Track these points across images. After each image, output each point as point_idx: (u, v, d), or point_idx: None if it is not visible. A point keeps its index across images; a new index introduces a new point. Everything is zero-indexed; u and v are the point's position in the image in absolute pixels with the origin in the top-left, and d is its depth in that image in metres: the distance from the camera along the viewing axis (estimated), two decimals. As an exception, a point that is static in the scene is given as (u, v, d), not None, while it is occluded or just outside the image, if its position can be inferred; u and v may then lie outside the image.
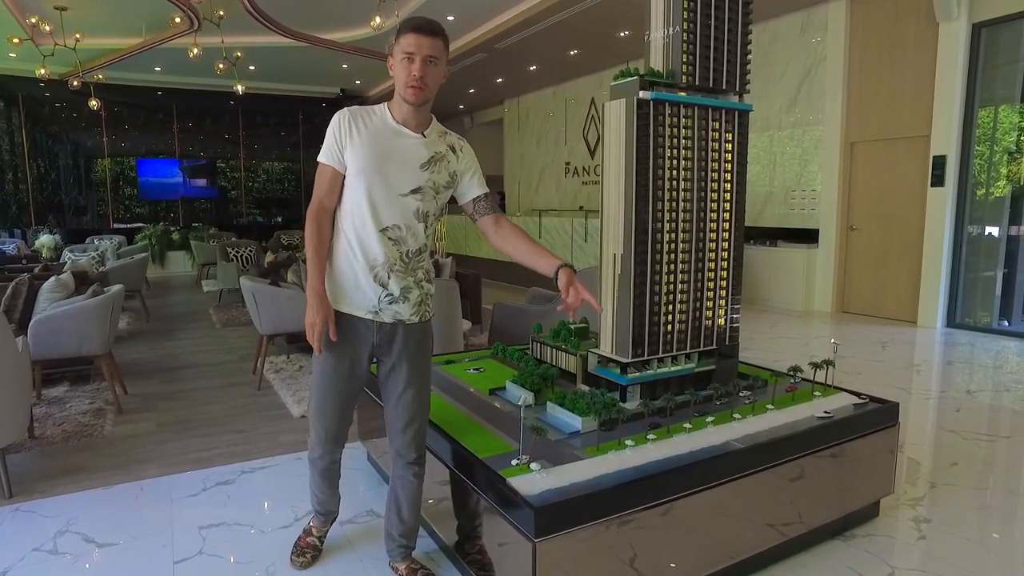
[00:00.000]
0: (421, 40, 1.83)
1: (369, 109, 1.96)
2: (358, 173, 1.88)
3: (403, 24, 1.88)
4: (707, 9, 2.43)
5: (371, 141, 1.90)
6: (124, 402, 4.11)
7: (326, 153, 1.92)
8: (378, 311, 1.94)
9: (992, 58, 6.21)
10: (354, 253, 1.91)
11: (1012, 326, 6.49)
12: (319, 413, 2.05)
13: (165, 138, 13.60)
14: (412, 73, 1.83)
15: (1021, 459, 3.23)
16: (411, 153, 1.92)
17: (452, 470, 2.09)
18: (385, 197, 1.89)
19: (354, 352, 1.97)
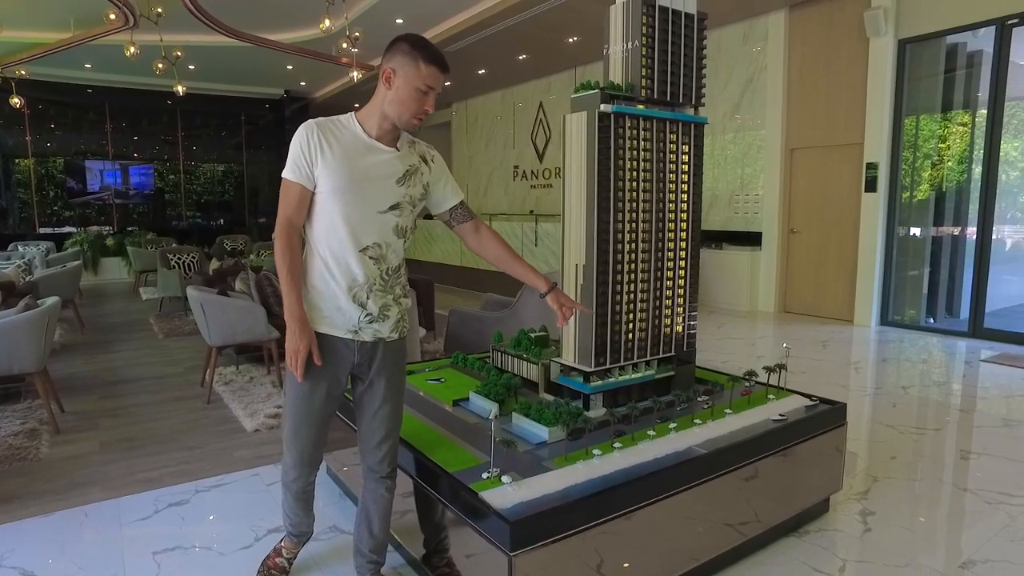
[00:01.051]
0: (440, 77, 1.80)
1: (336, 121, 1.86)
2: (332, 192, 1.79)
3: (423, 51, 1.78)
4: (664, 25, 2.49)
5: (345, 157, 1.80)
6: (61, 421, 3.90)
7: (293, 170, 1.80)
8: (358, 330, 1.89)
9: (915, 71, 6.60)
10: (331, 274, 1.84)
11: (936, 323, 6.90)
12: (295, 436, 1.96)
13: (97, 138, 12.96)
14: (425, 108, 1.81)
15: (949, 450, 3.44)
16: (387, 169, 1.86)
17: (421, 484, 2.07)
18: (363, 216, 1.82)
19: (333, 374, 1.91)
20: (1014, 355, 5.46)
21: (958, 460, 3.29)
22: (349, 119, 1.88)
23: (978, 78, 6.58)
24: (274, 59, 10.41)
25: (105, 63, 10.87)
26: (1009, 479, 3.02)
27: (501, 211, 11.86)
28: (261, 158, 14.89)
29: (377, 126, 1.85)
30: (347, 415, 2.48)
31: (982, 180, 6.16)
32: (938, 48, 6.57)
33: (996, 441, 3.53)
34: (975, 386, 4.71)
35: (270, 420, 3.82)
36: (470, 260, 9.92)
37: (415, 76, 1.77)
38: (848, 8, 6.76)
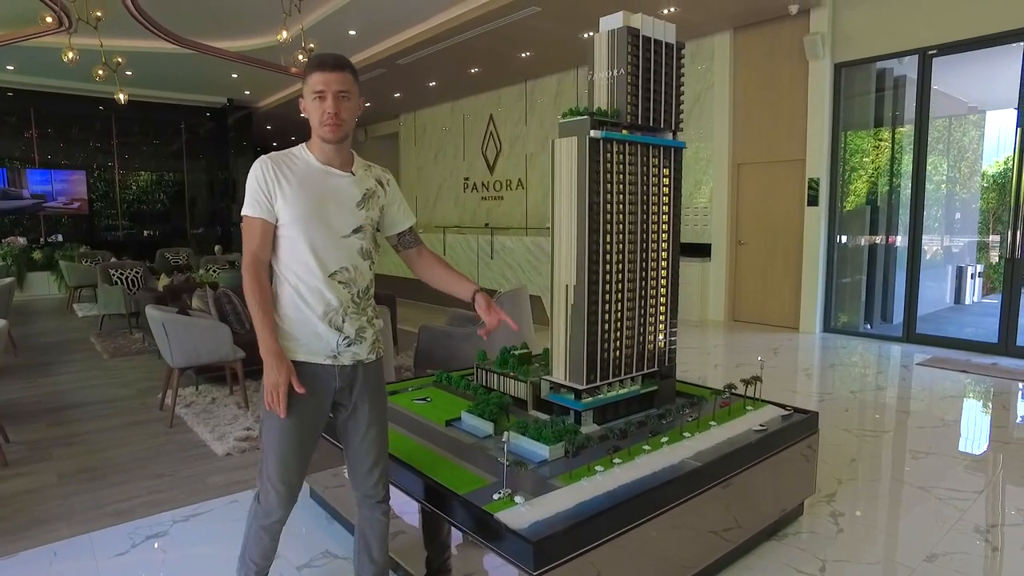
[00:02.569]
0: (328, 76, 1.80)
1: (288, 154, 1.89)
2: (295, 222, 1.81)
3: (308, 63, 1.86)
4: (647, 54, 2.60)
5: (302, 187, 1.83)
6: (7, 452, 3.67)
7: (253, 206, 1.81)
8: (337, 355, 1.88)
9: (849, 90, 7.05)
10: (304, 301, 1.85)
11: (874, 328, 7.35)
12: (282, 471, 1.87)
13: (19, 145, 12.20)
14: (326, 110, 1.80)
15: (903, 451, 3.69)
16: (345, 193, 1.89)
17: (430, 507, 2.08)
18: (328, 241, 1.85)
19: (318, 401, 1.89)
20: (944, 358, 5.88)
21: (910, 460, 3.52)
22: (300, 150, 1.91)
23: (904, 99, 7.10)
24: (218, 67, 10.12)
25: (30, 65, 10.29)
26: (955, 475, 3.27)
27: (453, 223, 11.86)
28: (201, 168, 14.40)
29: (320, 150, 1.89)
30: (331, 435, 2.45)
31: (912, 193, 6.62)
32: (869, 72, 7.05)
33: (939, 440, 3.80)
34: (915, 389, 5.04)
35: (241, 443, 3.72)
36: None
37: (307, 87, 1.84)
38: (788, 32, 7.15)
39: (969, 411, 4.56)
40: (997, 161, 9.74)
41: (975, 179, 9.55)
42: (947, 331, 7.07)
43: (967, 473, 3.32)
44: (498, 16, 7.10)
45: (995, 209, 9.68)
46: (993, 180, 9.57)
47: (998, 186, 9.54)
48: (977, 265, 9.25)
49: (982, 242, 9.59)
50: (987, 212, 9.63)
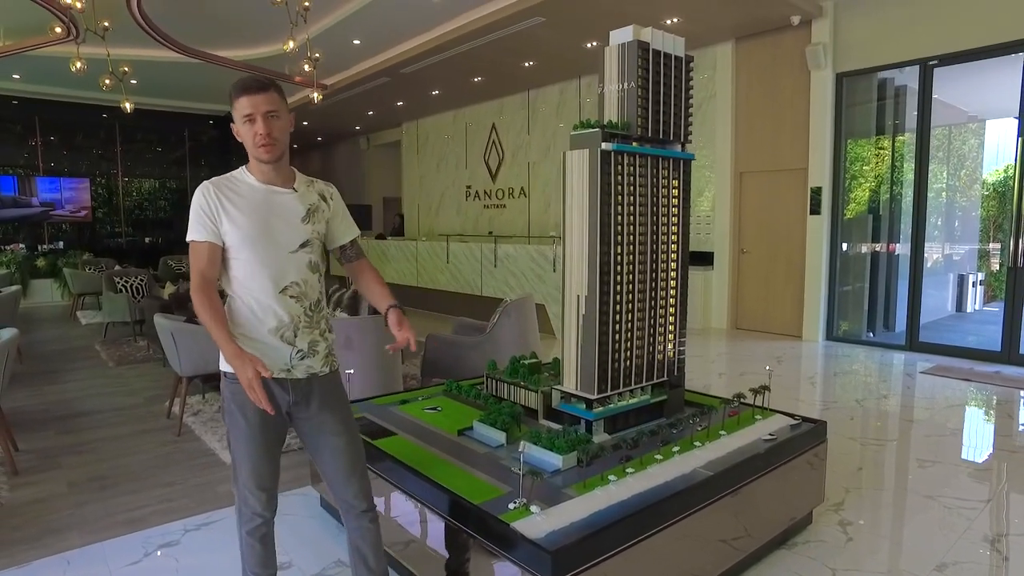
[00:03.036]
0: (255, 98, 1.84)
1: (229, 178, 1.92)
2: (243, 242, 1.86)
3: (234, 88, 1.88)
4: (657, 67, 2.64)
5: (247, 207, 1.88)
6: (17, 461, 3.67)
7: (199, 230, 1.85)
8: (291, 368, 1.92)
9: (851, 98, 7.10)
10: (257, 318, 1.89)
11: (876, 337, 7.37)
12: (254, 476, 1.91)
13: (23, 152, 12.24)
14: (257, 132, 1.85)
15: (909, 460, 3.71)
16: (290, 209, 1.93)
17: (447, 517, 2.09)
18: (277, 258, 1.89)
19: (277, 411, 1.91)
20: (947, 366, 5.90)
21: (916, 469, 3.54)
22: (241, 172, 1.95)
23: (905, 108, 7.16)
24: (222, 75, 10.14)
25: (35, 73, 10.35)
26: (961, 484, 3.29)
27: (455, 231, 11.89)
28: (203, 175, 14.40)
29: (259, 171, 1.93)
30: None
31: (913, 202, 6.66)
32: (871, 81, 7.10)
33: (945, 449, 3.82)
34: (919, 397, 5.06)
35: (249, 452, 3.72)
36: (427, 280, 9.91)
37: (236, 111, 1.87)
38: (790, 42, 7.21)
39: (974, 420, 4.57)
40: (997, 170, 9.79)
41: (975, 187, 9.60)
42: (949, 339, 7.09)
43: (973, 482, 3.34)
44: (502, 26, 7.15)
45: (996, 217, 9.73)
46: (993, 188, 9.62)
47: (998, 194, 9.59)
48: (978, 273, 9.28)
49: (983, 250, 9.63)
50: (988, 220, 9.68)
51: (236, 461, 1.93)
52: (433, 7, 7.15)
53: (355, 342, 3.50)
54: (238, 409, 1.88)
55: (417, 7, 7.16)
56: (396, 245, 10.87)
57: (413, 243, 10.44)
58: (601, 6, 6.45)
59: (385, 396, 3.27)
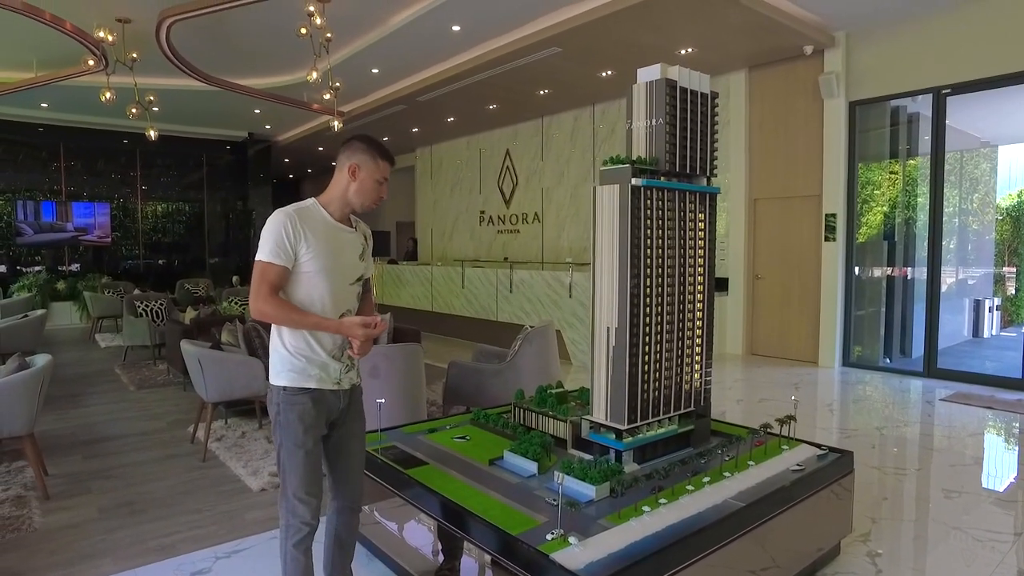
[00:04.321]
0: (390, 169, 2.18)
1: (305, 208, 2.10)
2: (319, 271, 2.06)
3: (378, 149, 2.13)
4: (684, 104, 2.71)
5: (325, 241, 2.08)
6: (49, 485, 3.73)
7: (277, 253, 2.01)
8: (340, 381, 2.15)
9: (863, 124, 7.17)
10: (317, 339, 2.09)
11: (893, 363, 7.35)
12: (305, 484, 2.06)
13: (46, 178, 12.49)
14: (382, 196, 2.17)
15: (934, 490, 3.69)
16: (353, 247, 2.19)
17: (484, 548, 2.12)
18: (340, 289, 2.13)
19: (327, 421, 2.15)
20: (967, 394, 5.87)
21: (943, 499, 3.52)
22: (314, 205, 2.13)
23: (917, 134, 7.22)
24: (241, 103, 10.39)
25: (62, 102, 10.62)
26: (991, 516, 3.27)
27: (468, 256, 11.98)
28: (219, 199, 14.66)
29: (339, 211, 2.15)
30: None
31: (929, 228, 6.68)
32: (883, 109, 7.18)
33: (970, 479, 3.80)
34: (941, 425, 5.04)
35: (275, 479, 3.76)
36: (441, 304, 9.97)
37: (375, 170, 2.13)
38: (803, 71, 7.31)
39: (998, 449, 4.55)
40: (1010, 194, 9.82)
41: (988, 212, 9.61)
42: (967, 365, 7.06)
43: (1002, 513, 3.32)
44: (519, 56, 7.30)
45: (1010, 241, 9.73)
46: (1007, 213, 9.63)
47: (1012, 219, 9.60)
48: (995, 298, 9.25)
49: (998, 274, 9.61)
50: (1002, 244, 9.68)
51: (287, 472, 2.08)
52: (452, 38, 7.31)
53: (382, 370, 3.55)
54: (297, 418, 2.05)
55: (436, 38, 7.33)
56: (411, 270, 10.96)
57: (428, 268, 10.53)
58: (617, 37, 6.58)
59: (413, 424, 3.31)
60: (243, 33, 7.43)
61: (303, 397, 2.06)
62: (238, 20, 6.84)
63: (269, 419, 2.16)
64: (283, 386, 2.07)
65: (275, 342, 2.11)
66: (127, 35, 6.98)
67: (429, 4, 6.35)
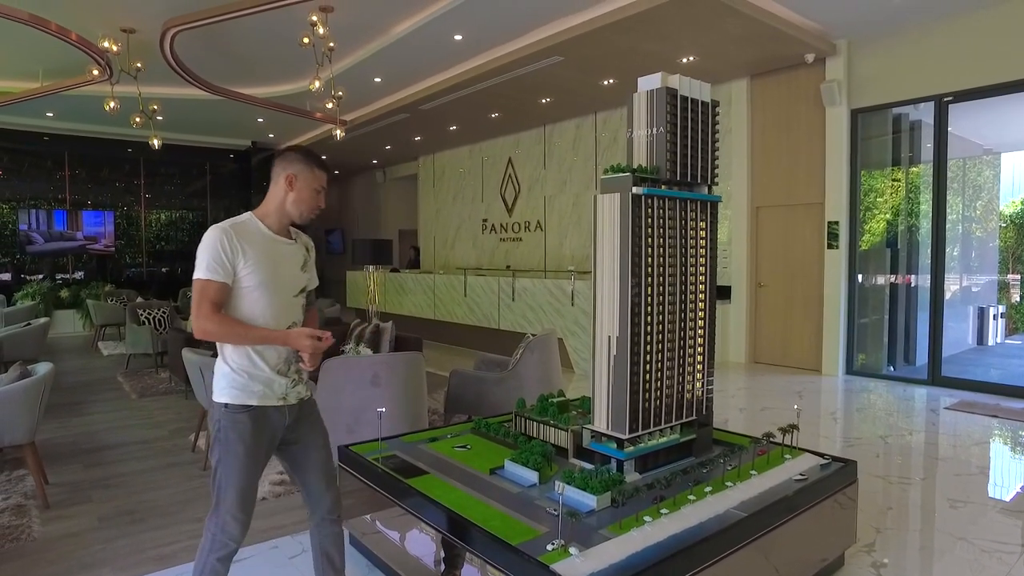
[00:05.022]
0: (326, 177, 2.21)
1: (241, 223, 2.09)
2: (259, 286, 2.05)
3: (314, 159, 2.16)
4: (684, 112, 2.71)
5: (264, 254, 2.07)
6: (49, 494, 3.72)
7: (215, 269, 1.99)
8: (286, 396, 2.15)
9: (865, 132, 7.17)
10: (261, 356, 2.08)
11: (896, 371, 7.31)
12: (242, 501, 2.06)
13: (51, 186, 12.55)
14: (320, 205, 2.18)
15: (939, 500, 3.66)
16: (294, 259, 2.18)
17: (484, 559, 2.11)
18: (283, 302, 2.12)
19: (270, 437, 2.13)
20: (971, 402, 5.84)
21: (948, 509, 3.49)
22: (251, 219, 2.13)
23: (920, 141, 7.22)
24: (245, 112, 10.44)
25: (67, 111, 10.68)
26: (998, 527, 3.24)
27: (471, 264, 11.98)
28: (223, 207, 14.71)
29: (277, 223, 2.15)
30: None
31: (932, 236, 6.66)
32: (885, 116, 7.18)
33: (976, 489, 3.77)
34: (945, 434, 5.00)
35: (276, 487, 3.75)
36: (444, 313, 9.97)
37: (312, 179, 2.15)
38: (804, 79, 7.32)
39: (1004, 458, 4.52)
40: (1013, 201, 9.80)
41: (991, 219, 9.60)
42: (972, 373, 7.02)
43: (1009, 524, 3.29)
44: (521, 65, 7.33)
45: (1014, 249, 9.70)
46: (1011, 220, 9.61)
47: (1016, 226, 9.58)
48: (999, 305, 9.21)
49: (1002, 281, 9.58)
50: (1006, 252, 9.65)
51: (224, 489, 2.06)
52: (454, 47, 7.35)
53: (382, 379, 3.54)
54: (238, 437, 2.04)
55: (439, 47, 7.36)
56: (413, 278, 10.97)
57: (430, 276, 10.53)
58: (619, 45, 6.60)
59: (414, 433, 3.30)
60: (246, 42, 7.48)
61: (243, 416, 2.05)
62: (241, 30, 6.88)
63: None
64: (225, 403, 2.06)
65: (219, 359, 2.10)
66: (131, 45, 7.02)
67: (432, 13, 6.39)
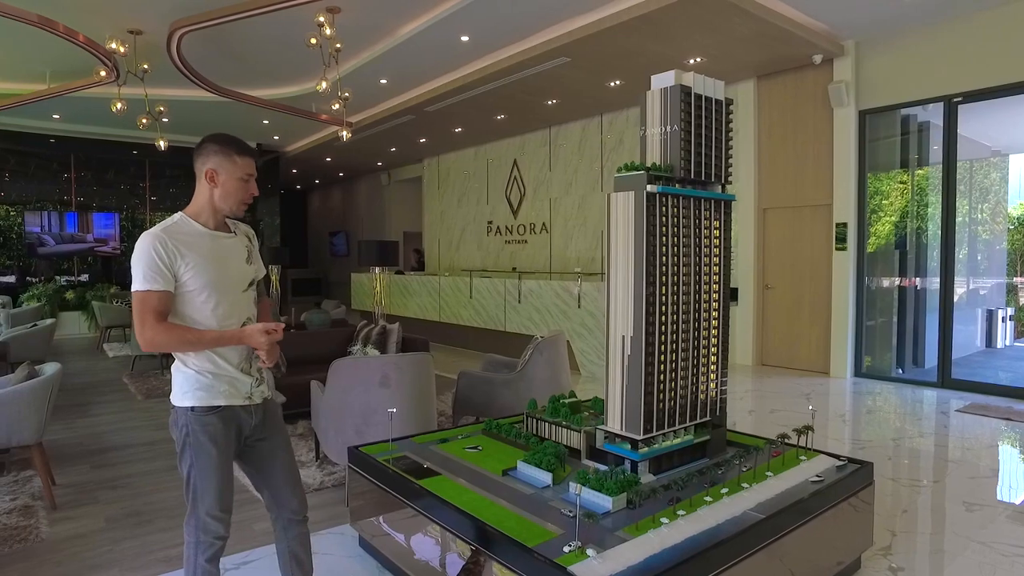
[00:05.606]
0: (253, 163, 2.08)
1: (173, 224, 1.99)
2: (205, 286, 1.97)
3: (232, 146, 2.03)
4: (698, 110, 2.69)
5: (203, 253, 1.98)
6: (56, 495, 3.70)
7: (153, 278, 1.89)
8: (251, 396, 2.10)
9: (873, 133, 7.13)
10: (220, 355, 2.02)
11: (905, 373, 7.26)
12: (220, 501, 2.02)
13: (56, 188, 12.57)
14: (251, 192, 2.08)
15: (954, 503, 3.61)
16: (236, 252, 2.10)
17: (499, 561, 2.08)
18: (233, 299, 2.05)
19: (238, 437, 2.09)
20: (983, 404, 5.79)
21: (964, 512, 3.45)
22: (183, 219, 2.02)
23: (928, 143, 7.18)
24: (250, 114, 10.44)
25: (73, 113, 10.70)
26: (1014, 530, 3.20)
27: (476, 266, 11.95)
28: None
29: (211, 219, 2.05)
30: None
31: (941, 236, 6.62)
32: (893, 117, 7.15)
33: (991, 491, 3.73)
34: (958, 436, 4.96)
35: (284, 489, 3.72)
36: (449, 315, 9.94)
37: (234, 169, 2.02)
38: (812, 80, 7.30)
39: (1018, 461, 4.47)
40: (1021, 203, 9.74)
41: (999, 221, 9.54)
42: (981, 376, 6.97)
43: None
44: (528, 66, 7.31)
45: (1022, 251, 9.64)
46: (1018, 222, 9.56)
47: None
48: (1008, 308, 9.15)
49: (1010, 284, 9.52)
50: (1014, 254, 9.60)
51: (199, 492, 2.01)
52: (460, 48, 7.33)
53: (392, 380, 3.51)
54: (208, 439, 1.99)
55: (445, 48, 7.35)
56: (418, 280, 10.95)
57: (435, 278, 10.51)
58: (625, 47, 6.58)
59: (424, 434, 3.27)
60: (252, 44, 7.48)
61: (212, 417, 1.99)
62: (247, 31, 6.88)
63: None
64: (190, 406, 1.99)
65: (177, 362, 2.03)
66: (138, 46, 7.03)
67: (438, 14, 6.38)
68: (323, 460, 4.24)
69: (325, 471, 4.05)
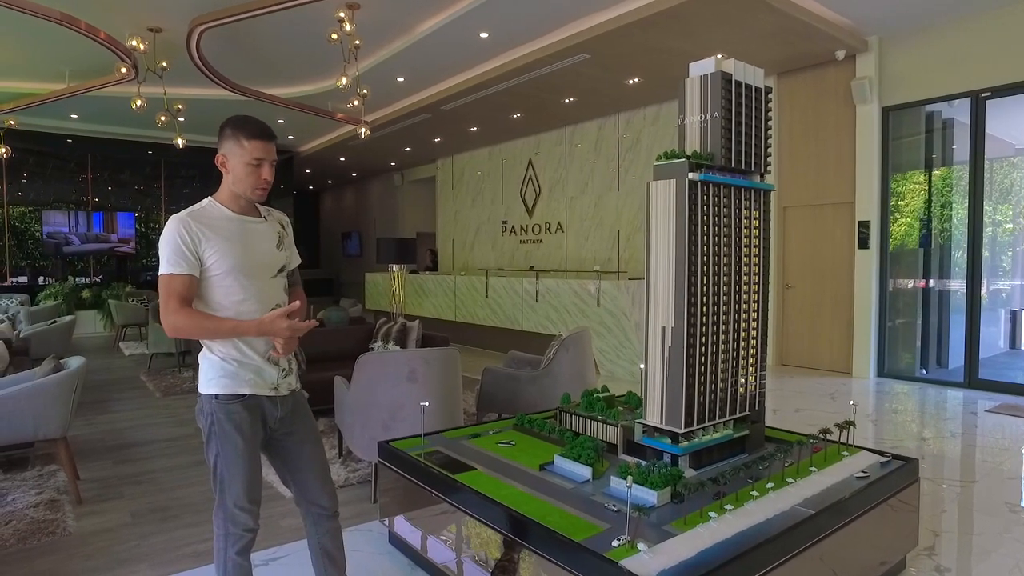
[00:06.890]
0: (268, 147, 1.98)
1: (200, 209, 1.97)
2: (231, 270, 1.93)
3: (242, 129, 1.95)
4: (739, 98, 2.63)
5: (229, 239, 1.94)
6: (81, 490, 3.67)
7: (177, 262, 1.86)
8: (277, 386, 2.05)
9: (896, 131, 7.03)
10: (247, 343, 1.98)
11: (929, 374, 7.15)
12: (247, 491, 1.98)
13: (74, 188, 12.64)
14: (263, 177, 1.98)
15: (996, 503, 3.52)
16: (266, 237, 2.05)
17: (545, 556, 2.02)
18: (262, 284, 2.01)
19: (265, 428, 2.06)
20: (1013, 405, 5.68)
21: (1007, 513, 3.36)
22: (211, 203, 2.00)
23: (952, 141, 7.07)
24: (266, 113, 10.44)
25: (91, 113, 10.76)
26: (1060, 531, 3.11)
27: (490, 266, 11.91)
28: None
29: (236, 204, 2.01)
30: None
31: (968, 235, 6.51)
32: (918, 114, 7.04)
33: (1032, 492, 3.64)
34: (991, 437, 4.85)
35: (309, 485, 3.68)
36: (465, 314, 9.90)
37: (242, 153, 1.95)
38: (833, 76, 7.21)
39: (1053, 461, 4.36)
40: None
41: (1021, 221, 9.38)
42: (1007, 376, 6.83)
43: (1070, 527, 3.15)
44: (547, 63, 7.26)
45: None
46: (1042, 222, 9.39)
47: (1048, 229, 9.35)
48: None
49: (1034, 286, 9.35)
50: (1038, 255, 9.43)
51: (226, 482, 1.97)
52: (480, 45, 7.30)
53: (419, 375, 3.47)
54: (234, 428, 1.95)
55: (464, 45, 7.31)
56: (434, 280, 10.91)
57: (451, 278, 10.47)
58: (646, 43, 6.52)
59: (455, 429, 3.22)
60: (270, 42, 7.48)
61: (237, 405, 1.96)
62: (265, 29, 6.88)
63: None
64: (215, 394, 1.95)
65: (204, 350, 2.00)
66: (157, 44, 7.04)
67: (459, 10, 6.35)
68: (346, 456, 4.19)
69: (349, 467, 4.01)
